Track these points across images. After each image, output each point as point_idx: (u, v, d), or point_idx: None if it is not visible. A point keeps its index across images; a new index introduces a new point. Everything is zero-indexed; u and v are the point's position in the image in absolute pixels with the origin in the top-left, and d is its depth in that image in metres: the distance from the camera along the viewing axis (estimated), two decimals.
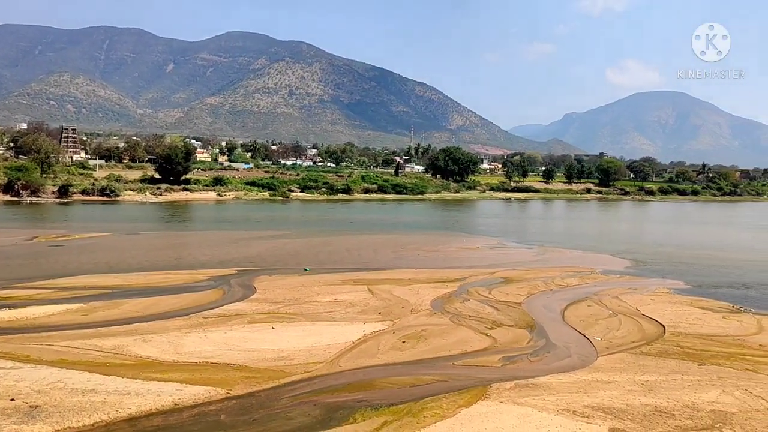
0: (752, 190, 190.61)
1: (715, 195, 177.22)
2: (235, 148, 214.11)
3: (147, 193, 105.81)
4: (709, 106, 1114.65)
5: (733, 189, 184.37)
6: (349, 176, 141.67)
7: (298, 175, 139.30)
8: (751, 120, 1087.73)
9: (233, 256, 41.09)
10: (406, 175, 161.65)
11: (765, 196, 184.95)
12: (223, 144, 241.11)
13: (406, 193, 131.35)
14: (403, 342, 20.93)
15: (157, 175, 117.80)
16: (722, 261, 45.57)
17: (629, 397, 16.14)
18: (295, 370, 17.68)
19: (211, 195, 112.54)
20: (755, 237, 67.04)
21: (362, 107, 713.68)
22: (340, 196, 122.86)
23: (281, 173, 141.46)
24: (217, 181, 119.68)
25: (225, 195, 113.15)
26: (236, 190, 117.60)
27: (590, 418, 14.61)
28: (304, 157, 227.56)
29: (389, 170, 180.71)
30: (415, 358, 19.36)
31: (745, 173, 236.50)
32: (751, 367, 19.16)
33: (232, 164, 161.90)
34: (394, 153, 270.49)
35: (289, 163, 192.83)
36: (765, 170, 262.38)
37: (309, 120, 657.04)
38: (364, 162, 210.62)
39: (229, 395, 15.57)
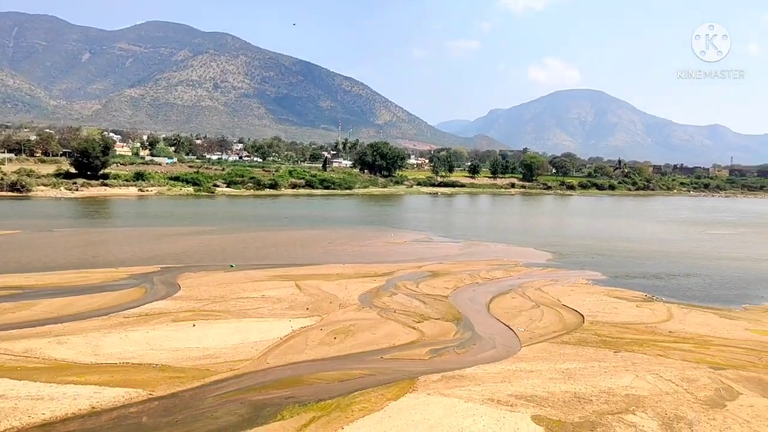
0: (663, 185, 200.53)
1: (630, 189, 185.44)
2: (158, 142, 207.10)
3: (62, 188, 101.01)
4: (625, 104, 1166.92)
5: (646, 184, 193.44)
6: (277, 171, 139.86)
7: (223, 170, 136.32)
8: (662, 118, 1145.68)
9: (156, 253, 39.82)
10: (333, 170, 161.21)
11: (675, 191, 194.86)
12: (145, 138, 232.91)
13: (334, 188, 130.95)
14: (332, 337, 20.88)
15: (72, 170, 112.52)
16: (636, 252, 47.80)
17: (550, 384, 16.70)
18: (220, 368, 17.33)
19: (132, 190, 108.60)
20: (666, 229, 70.60)
21: (289, 101, 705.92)
22: (268, 191, 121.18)
23: (206, 168, 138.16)
24: (139, 176, 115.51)
25: (147, 190, 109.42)
26: (159, 186, 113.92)
27: (514, 407, 15.03)
28: (230, 152, 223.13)
29: (317, 165, 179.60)
30: (344, 352, 19.36)
31: (657, 169, 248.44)
32: (661, 352, 20.21)
33: (154, 159, 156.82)
34: (321, 148, 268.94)
35: (214, 157, 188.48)
36: (675, 166, 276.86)
37: (235, 114, 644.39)
38: (291, 157, 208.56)
39: (151, 396, 15.09)
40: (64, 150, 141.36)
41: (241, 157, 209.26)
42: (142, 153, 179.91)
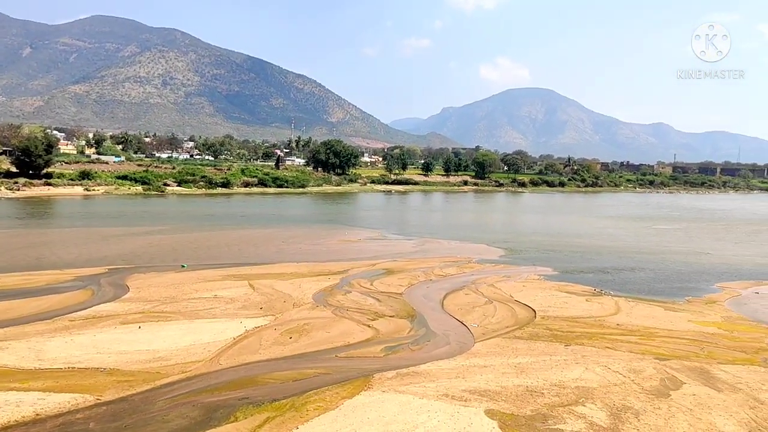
0: (611, 181, 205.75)
1: (579, 186, 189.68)
2: (104, 140, 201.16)
3: (2, 188, 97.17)
4: (573, 103, 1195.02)
5: (595, 180, 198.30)
6: (229, 170, 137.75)
7: (174, 168, 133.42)
8: (609, 117, 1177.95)
9: (104, 254, 38.73)
10: (287, 169, 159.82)
11: (622, 188, 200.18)
12: (91, 136, 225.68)
13: (287, 187, 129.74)
14: (286, 337, 20.70)
15: (13, 169, 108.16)
16: (585, 248, 48.93)
17: (503, 379, 16.94)
18: (172, 370, 16.97)
19: (78, 190, 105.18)
20: (613, 225, 72.47)
21: (241, 99, 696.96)
22: (220, 190, 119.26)
23: (156, 167, 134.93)
24: (85, 175, 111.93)
25: (93, 190, 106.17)
26: (106, 185, 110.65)
27: (468, 402, 15.19)
28: (180, 150, 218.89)
29: (270, 163, 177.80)
30: (298, 352, 19.22)
31: (605, 166, 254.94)
32: (610, 345, 20.74)
33: (101, 157, 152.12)
34: (274, 146, 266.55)
35: (164, 156, 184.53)
36: (621, 163, 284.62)
37: (185, 111, 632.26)
38: (243, 155, 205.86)
39: (98, 401, 14.67)
40: (5, 148, 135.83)
41: (192, 156, 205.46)
42: (87, 151, 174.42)
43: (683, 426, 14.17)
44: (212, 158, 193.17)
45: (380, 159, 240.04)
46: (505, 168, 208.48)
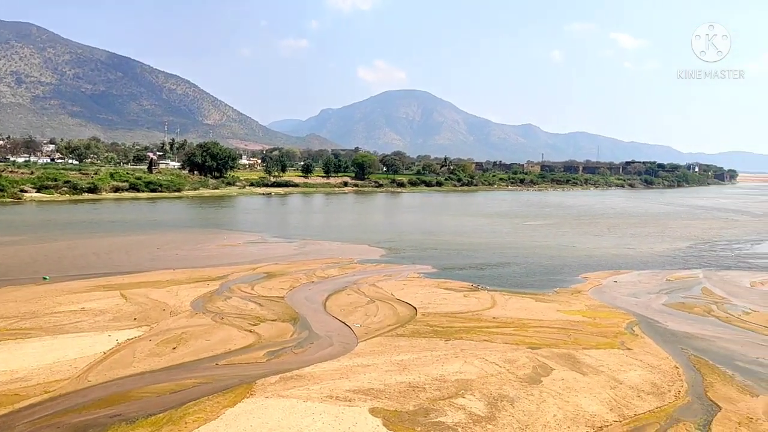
0: (485, 180, 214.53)
1: (455, 185, 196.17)
2: None
3: None
4: (448, 104, 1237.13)
5: (470, 180, 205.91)
6: (96, 174, 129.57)
7: (32, 173, 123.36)
8: (482, 118, 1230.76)
9: None
10: (160, 172, 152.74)
11: (495, 186, 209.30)
12: None
13: (161, 191, 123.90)
14: (162, 347, 19.80)
15: None
16: (463, 245, 50.75)
17: (386, 377, 17.18)
18: (33, 391, 15.69)
19: None
20: (489, 222, 75.68)
21: (107, 100, 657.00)
22: (86, 195, 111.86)
23: (11, 171, 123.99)
24: None
25: None
26: None
27: (352, 402, 15.26)
28: (39, 154, 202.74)
29: (142, 167, 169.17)
30: (176, 362, 18.44)
31: (479, 166, 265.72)
32: (487, 337, 21.64)
33: None
34: (146, 149, 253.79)
35: (20, 160, 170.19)
36: (494, 163, 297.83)
37: (44, 112, 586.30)
38: (113, 159, 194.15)
39: None
40: None
41: (53, 159, 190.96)
42: None
43: (553, 409, 15.07)
44: (77, 162, 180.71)
45: (259, 161, 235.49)
46: (384, 169, 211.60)
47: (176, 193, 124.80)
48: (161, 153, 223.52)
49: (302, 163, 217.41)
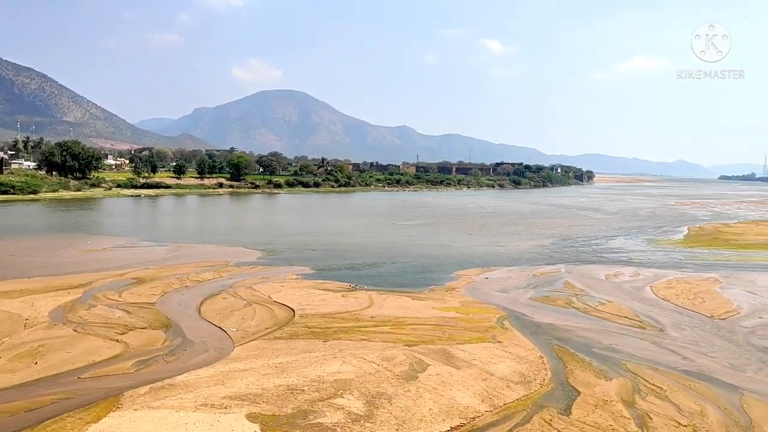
0: (362, 181, 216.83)
1: (333, 186, 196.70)
2: None
3: None
4: (325, 105, 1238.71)
5: (347, 180, 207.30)
6: None
7: None
8: (360, 120, 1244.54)
9: None
10: (12, 173, 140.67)
11: (372, 187, 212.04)
12: None
13: (14, 193, 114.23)
14: (15, 363, 18.27)
15: None
16: (341, 246, 50.96)
17: (264, 381, 16.91)
18: None
19: None
20: (366, 223, 76.52)
21: None
22: None
23: None
24: None
25: None
26: None
27: (228, 408, 14.87)
28: None
29: None
30: (32, 378, 17.06)
31: (356, 167, 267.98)
32: (365, 337, 21.89)
33: None
34: None
35: None
36: (371, 164, 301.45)
37: None
38: None
39: None
40: None
41: None
42: None
43: (429, 404, 15.54)
44: None
45: (127, 161, 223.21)
46: (261, 169, 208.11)
47: (32, 196, 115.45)
48: (13, 152, 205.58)
49: (174, 163, 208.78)
